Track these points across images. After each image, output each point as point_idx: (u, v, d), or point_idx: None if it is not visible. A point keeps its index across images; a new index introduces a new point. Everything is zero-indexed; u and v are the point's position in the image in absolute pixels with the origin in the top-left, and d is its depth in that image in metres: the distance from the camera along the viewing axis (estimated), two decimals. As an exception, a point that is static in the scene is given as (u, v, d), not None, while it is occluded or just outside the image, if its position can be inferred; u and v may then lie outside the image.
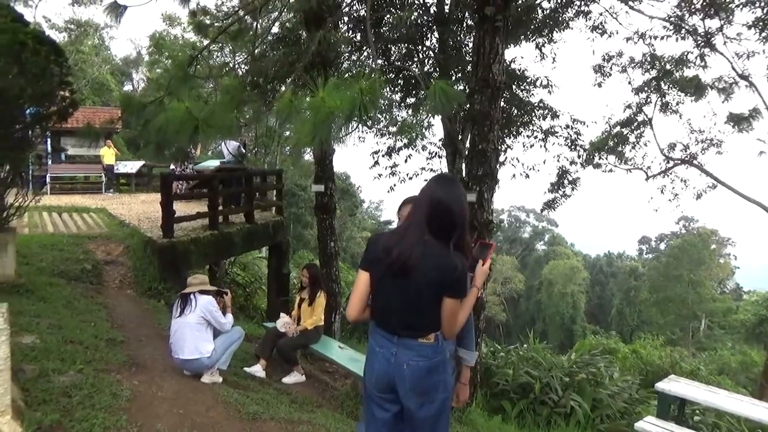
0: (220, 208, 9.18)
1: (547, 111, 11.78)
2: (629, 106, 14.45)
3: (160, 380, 4.21)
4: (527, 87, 11.51)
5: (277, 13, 7.40)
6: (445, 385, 2.42)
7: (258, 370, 5.74)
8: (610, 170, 15.20)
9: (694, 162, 14.46)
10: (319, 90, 3.22)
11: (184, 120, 3.80)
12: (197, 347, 4.44)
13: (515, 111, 11.67)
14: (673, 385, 5.80)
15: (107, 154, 15.33)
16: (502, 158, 11.78)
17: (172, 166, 12.78)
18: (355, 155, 48.52)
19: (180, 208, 8.29)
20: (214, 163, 13.06)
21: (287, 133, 31.91)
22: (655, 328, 40.96)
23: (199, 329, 4.50)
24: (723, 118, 13.61)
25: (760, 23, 11.20)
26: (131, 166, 17.31)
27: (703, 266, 43.53)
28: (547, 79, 11.36)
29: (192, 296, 4.59)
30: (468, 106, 7.90)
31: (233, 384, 4.88)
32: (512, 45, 10.82)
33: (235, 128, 4.41)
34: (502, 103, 7.49)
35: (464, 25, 10.38)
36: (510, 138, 11.91)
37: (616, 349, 16.61)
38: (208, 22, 5.87)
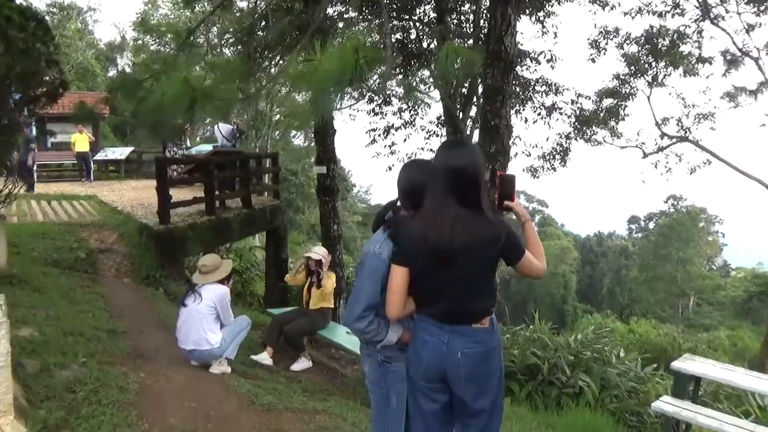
0: (217, 192, 8.92)
1: (548, 87, 11.59)
2: (617, 77, 14.30)
3: (167, 372, 4.00)
4: (529, 63, 11.29)
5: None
6: (501, 374, 2.25)
7: (265, 357, 5.55)
8: (599, 143, 14.95)
9: (690, 138, 14.37)
10: (318, 56, 2.94)
11: (180, 92, 3.50)
12: (206, 338, 4.23)
13: (516, 88, 11.47)
14: (689, 364, 5.68)
15: (79, 140, 14.46)
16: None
17: (167, 152, 12.43)
18: (345, 138, 47.99)
19: (174, 193, 8.02)
20: (207, 148, 12.75)
21: (277, 117, 31.65)
22: (646, 307, 41.47)
23: (208, 319, 4.28)
24: (718, 93, 13.55)
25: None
26: (120, 153, 16.92)
27: (691, 244, 43.94)
28: (551, 53, 11.15)
29: (200, 288, 4.34)
30: (469, 81, 7.66)
31: (242, 373, 4.69)
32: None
33: (237, 102, 4.14)
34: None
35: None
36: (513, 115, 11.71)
37: (614, 328, 16.62)
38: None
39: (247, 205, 9.74)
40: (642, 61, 13.35)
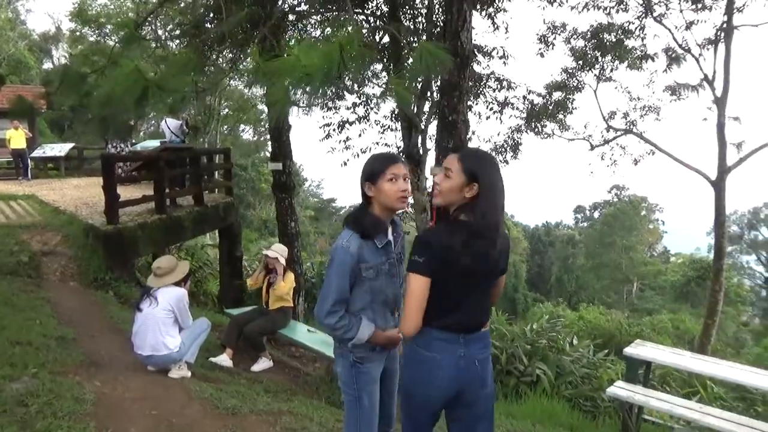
0: (167, 190, 8.63)
1: (500, 83, 11.79)
2: (566, 71, 14.74)
3: (124, 379, 3.84)
4: (481, 58, 11.44)
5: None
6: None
7: (225, 359, 5.42)
8: (549, 136, 15.35)
9: (634, 130, 14.96)
10: (293, 49, 2.90)
11: (132, 82, 3.34)
12: (164, 342, 4.07)
13: (469, 83, 11.59)
14: (640, 350, 5.91)
15: (15, 137, 13.62)
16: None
17: (109, 148, 11.88)
18: (296, 133, 47.24)
19: (122, 192, 7.70)
20: (153, 143, 12.29)
21: (225, 111, 30.95)
22: (592, 293, 43.08)
23: (166, 323, 4.12)
24: (661, 87, 14.17)
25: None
26: (59, 149, 16.08)
27: (634, 232, 45.93)
28: (503, 49, 11.34)
29: (155, 292, 4.17)
30: (422, 78, 7.69)
31: (202, 377, 4.56)
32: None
33: (191, 94, 3.99)
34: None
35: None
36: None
37: (564, 316, 17.15)
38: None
39: (199, 202, 9.47)
40: (589, 56, 13.80)
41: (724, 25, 12.32)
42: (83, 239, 7.36)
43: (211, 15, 9.26)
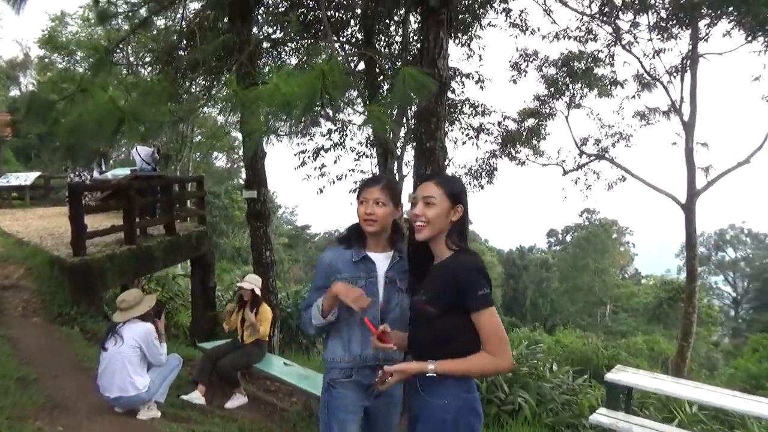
0: (138, 219, 8.38)
1: (475, 109, 11.94)
2: (538, 98, 15.02)
3: (89, 423, 3.62)
4: (455, 86, 11.57)
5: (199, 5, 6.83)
6: None
7: (197, 396, 5.18)
8: (523, 162, 15.56)
9: (606, 156, 15.27)
10: (275, 79, 2.84)
11: (106, 113, 3.22)
12: (132, 383, 3.84)
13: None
14: (621, 375, 5.89)
15: None
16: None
17: (71, 176, 11.54)
18: (269, 158, 46.97)
19: (90, 221, 7.43)
20: (123, 172, 12.00)
21: (198, 138, 30.65)
22: (567, 316, 43.38)
23: (133, 362, 3.89)
24: (631, 113, 14.58)
25: (661, 23, 12.03)
26: (24, 178, 15.63)
27: (606, 255, 46.57)
28: (479, 74, 11.50)
29: (120, 329, 3.95)
30: (399, 104, 7.71)
31: (173, 417, 4.33)
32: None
33: (167, 125, 3.88)
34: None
35: (395, 18, 10.27)
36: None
37: (541, 340, 17.14)
38: (116, 10, 5.19)
39: (171, 231, 9.22)
40: (560, 83, 14.12)
41: (690, 54, 12.76)
42: (48, 272, 7.05)
43: (185, 42, 9.19)
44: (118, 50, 8.92)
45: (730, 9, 10.85)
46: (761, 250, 50.20)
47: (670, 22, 12.07)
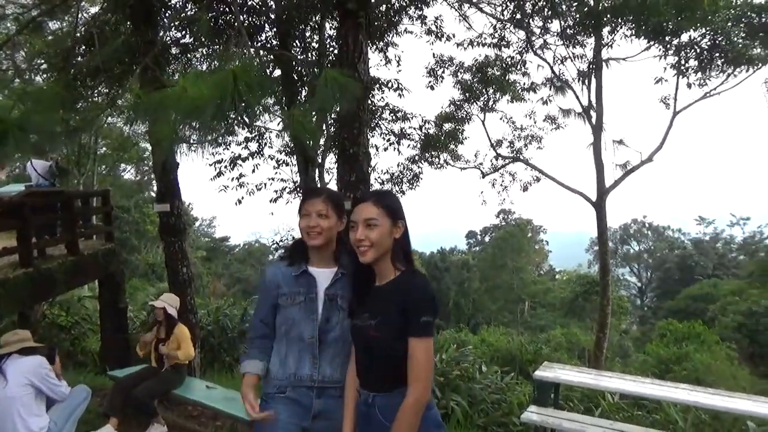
0: (34, 240, 7.62)
1: (394, 114, 11.98)
2: (453, 103, 15.38)
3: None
4: (375, 90, 11.53)
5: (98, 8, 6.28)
6: None
7: (109, 430, 4.72)
8: (441, 166, 15.85)
9: (521, 157, 15.86)
10: (182, 81, 2.58)
11: (-15, 124, 2.83)
12: (28, 426, 3.38)
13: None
14: (549, 372, 5.98)
15: None
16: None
17: None
18: (183, 168, 45.00)
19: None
20: (17, 188, 10.95)
21: (103, 150, 28.79)
22: (489, 314, 44.76)
23: (25, 402, 3.42)
24: (542, 117, 15.24)
25: (568, 30, 12.66)
26: None
27: (522, 253, 48.55)
28: (398, 82, 11.53)
29: (4, 366, 3.46)
30: (321, 108, 7.51)
31: (81, 458, 3.89)
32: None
33: (60, 136, 3.48)
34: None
35: (310, 23, 10.08)
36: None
37: (467, 340, 17.44)
38: (3, 11, 4.67)
39: (74, 251, 8.45)
40: (474, 88, 14.52)
41: (595, 59, 13.51)
42: (-74, 303, 6.23)
43: (83, 47, 8.50)
44: (5, 56, 8.10)
45: (631, 17, 11.56)
46: (661, 242, 54.30)
47: (576, 29, 12.72)
